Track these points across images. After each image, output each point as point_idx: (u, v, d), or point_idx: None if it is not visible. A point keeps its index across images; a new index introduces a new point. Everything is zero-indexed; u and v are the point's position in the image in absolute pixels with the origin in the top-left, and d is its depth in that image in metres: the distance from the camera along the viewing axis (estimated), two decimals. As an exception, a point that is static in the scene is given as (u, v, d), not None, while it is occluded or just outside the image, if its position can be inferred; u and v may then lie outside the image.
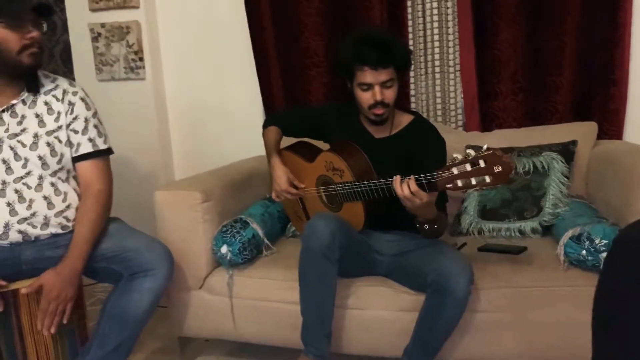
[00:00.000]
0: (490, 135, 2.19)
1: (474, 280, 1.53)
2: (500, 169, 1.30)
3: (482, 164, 1.32)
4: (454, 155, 1.37)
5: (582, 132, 2.06)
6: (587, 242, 1.54)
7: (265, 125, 1.95)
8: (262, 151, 1.95)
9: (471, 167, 1.33)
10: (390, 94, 1.64)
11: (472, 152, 1.34)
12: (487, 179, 1.32)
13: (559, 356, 1.58)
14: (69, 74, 2.77)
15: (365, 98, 1.65)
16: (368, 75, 1.61)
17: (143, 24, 2.59)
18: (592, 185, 1.98)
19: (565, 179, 1.94)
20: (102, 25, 2.62)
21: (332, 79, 2.40)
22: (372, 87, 1.62)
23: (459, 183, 1.35)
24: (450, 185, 1.37)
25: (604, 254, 1.49)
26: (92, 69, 2.67)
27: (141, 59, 2.61)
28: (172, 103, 2.73)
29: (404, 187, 1.44)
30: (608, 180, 1.85)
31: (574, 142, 2.01)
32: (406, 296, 1.64)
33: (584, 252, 1.54)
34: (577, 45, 2.13)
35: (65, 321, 1.51)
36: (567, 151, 1.99)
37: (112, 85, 2.66)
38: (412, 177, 1.44)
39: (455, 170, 1.36)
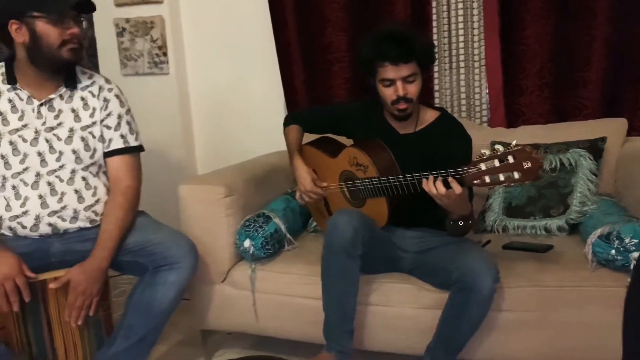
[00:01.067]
0: (516, 132, 2.16)
1: (499, 278, 1.51)
2: (529, 165, 1.27)
3: (510, 159, 1.30)
4: (482, 151, 1.35)
5: (612, 128, 2.01)
6: (617, 242, 1.50)
7: (286, 124, 1.95)
8: (284, 146, 1.95)
9: (499, 163, 1.31)
10: (413, 89, 1.62)
11: (500, 147, 1.33)
12: (516, 175, 1.30)
13: (586, 357, 1.55)
14: (94, 69, 2.80)
15: (388, 94, 1.64)
16: (389, 71, 1.60)
17: (167, 19, 2.60)
18: (622, 183, 1.94)
19: (594, 177, 1.90)
20: (127, 20, 2.64)
21: (355, 74, 2.39)
22: (394, 83, 1.61)
23: (487, 179, 1.33)
24: (477, 182, 1.35)
25: (635, 254, 1.46)
26: (117, 64, 2.70)
27: (165, 54, 2.63)
28: (195, 97, 2.75)
29: (438, 186, 1.42)
30: (637, 178, 1.80)
31: (602, 139, 1.96)
32: (429, 293, 1.63)
33: (613, 251, 1.51)
34: (607, 40, 2.07)
35: (91, 314, 1.54)
36: (595, 148, 1.94)
37: (136, 80, 2.68)
38: (444, 173, 1.41)
39: (483, 166, 1.34)
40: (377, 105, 1.74)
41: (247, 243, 1.79)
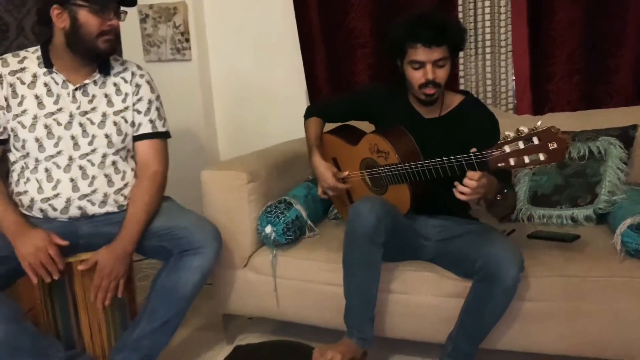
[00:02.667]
0: (543, 119, 2.06)
1: (524, 267, 1.48)
2: (556, 146, 1.24)
3: (535, 141, 1.26)
4: (506, 133, 1.32)
5: (643, 116, 1.95)
6: (647, 232, 1.46)
7: (306, 116, 1.93)
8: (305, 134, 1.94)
9: (524, 144, 1.28)
10: (442, 74, 1.60)
11: (525, 129, 1.29)
12: (541, 157, 1.26)
13: (612, 350, 1.52)
14: (117, 55, 2.82)
15: (417, 77, 1.61)
16: (420, 53, 1.57)
17: (189, 4, 2.60)
18: (653, 172, 1.88)
19: (624, 165, 1.84)
20: (150, 6, 2.65)
21: (378, 60, 2.36)
22: (424, 66, 1.58)
23: (512, 162, 1.30)
24: (502, 164, 1.32)
25: (666, 245, 1.42)
26: (140, 50, 2.72)
27: (187, 40, 2.64)
28: (217, 84, 2.75)
29: (468, 184, 1.36)
30: (670, 168, 1.75)
31: (634, 127, 1.90)
32: (451, 282, 1.61)
33: (643, 242, 1.47)
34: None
35: (119, 295, 1.57)
36: (626, 136, 1.89)
37: (159, 66, 2.69)
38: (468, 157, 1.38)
39: (507, 148, 1.30)
40: (402, 88, 1.71)
41: (268, 229, 1.80)
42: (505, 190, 1.50)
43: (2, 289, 1.50)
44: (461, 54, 2.27)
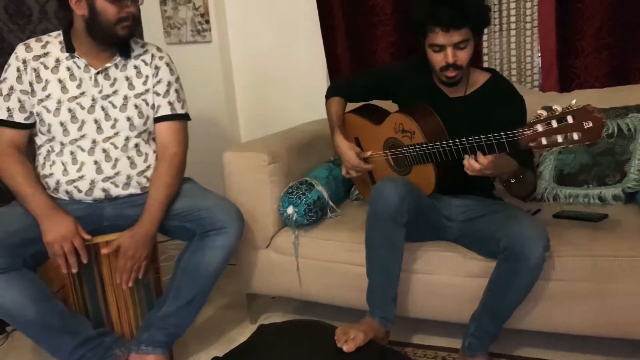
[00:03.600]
0: (570, 96, 2.05)
1: (549, 246, 1.46)
2: (591, 125, 1.20)
3: (570, 120, 1.22)
4: (539, 112, 1.28)
5: (676, 91, 1.89)
6: (679, 211, 1.42)
7: (328, 96, 1.91)
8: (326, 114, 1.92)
9: (557, 123, 1.24)
10: (463, 56, 1.55)
11: (558, 107, 1.25)
12: (576, 136, 1.22)
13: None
14: (138, 37, 2.84)
15: (437, 60, 1.57)
16: (440, 37, 1.53)
17: (209, -15, 2.59)
18: (685, 149, 1.82)
19: (654, 143, 1.79)
20: (170, -12, 2.65)
21: (400, 37, 2.32)
22: (444, 49, 1.54)
23: (544, 141, 1.26)
24: (533, 144, 1.28)
25: (698, 224, 1.38)
26: (161, 33, 2.72)
27: (207, 22, 2.63)
28: (238, 65, 2.75)
29: (473, 164, 1.39)
30: None
31: (665, 103, 1.85)
32: (475, 262, 1.60)
33: (673, 221, 1.43)
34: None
35: (140, 277, 1.61)
36: (657, 113, 1.83)
37: (180, 48, 2.70)
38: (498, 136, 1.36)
39: (539, 128, 1.27)
40: (426, 67, 1.67)
41: (290, 210, 1.80)
42: (521, 175, 1.48)
43: (33, 269, 1.55)
44: (485, 30, 2.21)
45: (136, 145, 1.68)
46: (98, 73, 1.63)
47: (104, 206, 1.66)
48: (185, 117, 1.76)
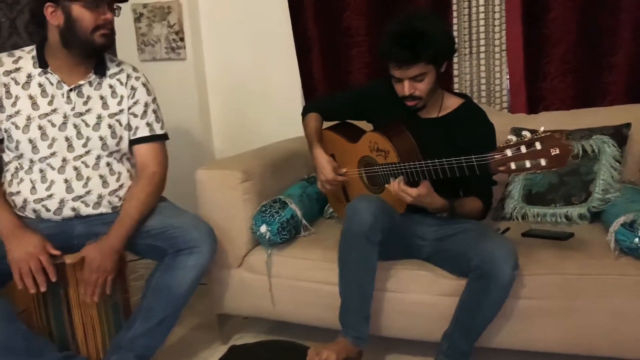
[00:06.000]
0: (537, 118, 2.11)
1: (518, 265, 1.48)
2: (558, 152, 1.24)
3: (538, 146, 1.26)
4: (509, 137, 1.32)
5: (637, 114, 1.95)
6: (641, 230, 1.47)
7: (304, 113, 1.93)
8: (302, 132, 1.93)
9: (526, 149, 1.28)
10: (422, 87, 1.60)
11: (527, 133, 1.29)
12: (543, 162, 1.26)
13: (608, 347, 1.52)
14: (112, 54, 2.81)
15: (398, 90, 1.64)
16: (396, 71, 1.59)
17: (184, 3, 2.60)
18: (646, 170, 1.89)
19: (617, 164, 1.85)
20: (144, 5, 2.64)
21: (374, 58, 2.36)
22: (401, 81, 1.60)
23: (513, 166, 1.30)
24: (503, 168, 1.32)
25: (660, 243, 1.43)
26: (134, 50, 2.71)
27: (182, 39, 2.63)
28: (213, 83, 2.75)
29: (402, 186, 1.51)
30: (664, 166, 1.76)
31: (627, 125, 1.91)
32: (446, 281, 1.62)
33: (636, 239, 1.48)
34: (634, 24, 2.01)
35: (108, 292, 1.56)
36: (619, 134, 1.89)
37: (154, 65, 2.68)
38: (469, 159, 1.41)
39: (509, 152, 1.30)
40: None
41: (263, 228, 1.79)
42: (445, 215, 1.61)
43: (-4, 289, 1.50)
44: (456, 53, 2.27)
45: (108, 164, 1.65)
46: (71, 90, 1.61)
47: (73, 224, 1.62)
48: (164, 137, 1.75)
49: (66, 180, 1.59)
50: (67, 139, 1.59)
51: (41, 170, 1.58)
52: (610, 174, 1.83)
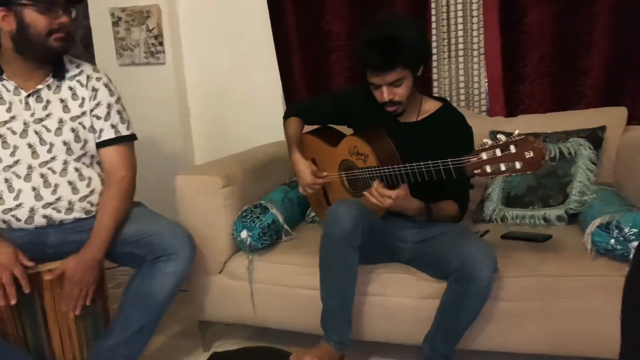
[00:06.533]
0: (515, 121, 2.14)
1: (497, 268, 1.50)
2: (532, 155, 1.26)
3: (512, 149, 1.28)
4: (484, 141, 1.34)
5: (612, 117, 1.99)
6: (616, 231, 1.49)
7: (286, 117, 1.93)
8: (283, 136, 1.93)
9: (501, 152, 1.30)
10: (400, 92, 1.61)
11: (502, 137, 1.31)
12: (517, 165, 1.28)
13: (586, 347, 1.54)
14: (90, 58, 2.78)
15: (377, 96, 1.65)
16: (373, 78, 1.61)
17: (163, 8, 2.58)
18: (622, 172, 1.92)
19: (593, 166, 1.88)
20: (123, 9, 2.61)
21: (354, 63, 2.36)
22: (380, 87, 1.61)
23: (488, 169, 1.32)
24: (478, 171, 1.34)
25: (634, 243, 1.45)
26: (113, 54, 2.68)
27: (161, 44, 2.61)
28: (193, 88, 2.73)
29: (374, 193, 1.51)
30: (638, 168, 1.79)
31: (602, 128, 1.95)
32: (427, 283, 1.62)
33: (612, 240, 1.50)
34: (609, 27, 2.05)
35: (87, 303, 1.54)
36: (595, 137, 1.93)
37: (133, 70, 2.66)
38: (445, 162, 1.42)
39: (484, 156, 1.32)
40: None
41: (244, 234, 1.78)
42: (422, 219, 1.62)
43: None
44: (434, 57, 2.29)
45: (77, 170, 1.61)
46: (29, 95, 1.56)
47: (47, 233, 1.59)
48: (131, 138, 1.70)
49: (34, 188, 1.55)
50: (30, 145, 1.56)
51: (6, 180, 1.54)
52: (587, 176, 1.86)
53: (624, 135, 1.97)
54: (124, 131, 1.68)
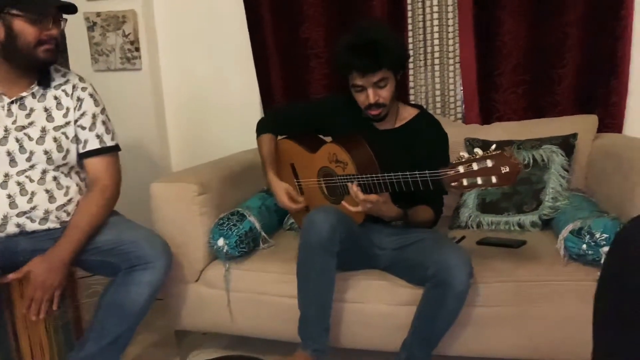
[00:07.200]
0: (490, 128, 2.18)
1: (473, 274, 1.51)
2: (508, 170, 1.29)
3: (489, 163, 1.31)
4: (461, 154, 1.36)
5: (583, 125, 2.04)
6: (588, 236, 1.52)
7: (259, 131, 1.91)
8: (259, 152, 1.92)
9: (478, 166, 1.32)
10: (385, 93, 1.64)
11: (479, 151, 1.34)
12: (494, 179, 1.31)
13: (561, 351, 1.57)
14: (64, 64, 2.73)
15: (361, 100, 1.66)
16: (359, 79, 1.62)
17: (139, 13, 2.56)
18: (593, 178, 1.97)
19: (565, 173, 1.92)
20: (98, 14, 2.58)
21: (333, 70, 2.37)
22: (365, 89, 1.63)
23: (465, 182, 1.34)
24: (455, 184, 1.36)
25: (605, 248, 1.48)
26: (88, 59, 2.64)
27: (137, 49, 2.58)
28: (170, 94, 2.70)
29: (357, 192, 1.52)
30: (608, 174, 1.83)
31: (574, 135, 1.99)
32: (405, 290, 1.63)
33: (584, 246, 1.53)
34: (580, 37, 2.10)
35: (54, 308, 1.48)
36: (567, 144, 1.97)
37: (108, 75, 2.63)
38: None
39: (461, 169, 1.35)
40: (356, 101, 1.73)
41: (220, 242, 1.77)
42: (400, 223, 1.65)
43: None
44: (411, 65, 2.32)
45: (55, 178, 1.58)
46: (12, 102, 1.54)
47: (18, 241, 1.55)
48: (116, 149, 1.69)
49: (9, 196, 1.52)
50: (8, 153, 1.53)
51: None
52: (559, 183, 1.90)
53: (594, 143, 2.02)
54: (109, 142, 1.67)
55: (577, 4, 2.08)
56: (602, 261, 1.49)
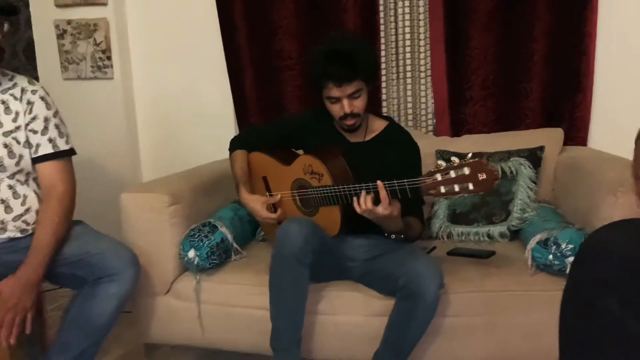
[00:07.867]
0: (460, 140, 2.21)
1: (444, 284, 1.53)
2: (485, 177, 1.31)
3: (466, 171, 1.33)
4: (439, 162, 1.39)
5: (549, 138, 2.10)
6: (554, 247, 1.56)
7: (232, 148, 1.91)
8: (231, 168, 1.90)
9: (455, 174, 1.34)
10: (359, 104, 1.66)
11: (456, 159, 1.36)
12: (471, 186, 1.33)
13: (530, 358, 1.59)
14: (32, 71, 2.68)
15: (335, 110, 1.67)
16: (334, 91, 1.63)
17: (111, 21, 2.53)
18: (559, 190, 2.02)
19: (533, 184, 1.97)
20: (68, 22, 2.54)
21: (306, 81, 2.39)
22: (340, 100, 1.64)
23: (442, 189, 1.36)
24: (433, 191, 1.38)
25: (570, 259, 1.52)
26: (58, 67, 2.59)
27: (109, 58, 2.55)
28: (141, 103, 2.67)
29: (362, 203, 1.47)
30: (574, 186, 1.88)
31: (541, 148, 2.04)
32: (376, 301, 1.63)
33: (550, 256, 1.56)
34: (546, 53, 2.17)
35: (27, 331, 1.44)
36: (534, 157, 2.02)
37: (79, 84, 2.59)
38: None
39: (439, 177, 1.36)
40: (327, 114, 1.74)
41: (191, 253, 1.75)
42: (402, 236, 1.61)
43: None
44: (383, 78, 2.35)
45: (11, 187, 1.53)
46: None
47: (-22, 253, 1.50)
48: (70, 153, 1.63)
49: None
50: None
51: None
52: (527, 194, 1.94)
53: (560, 155, 2.08)
54: (62, 146, 1.60)
55: (542, 20, 2.14)
56: (567, 271, 1.52)
